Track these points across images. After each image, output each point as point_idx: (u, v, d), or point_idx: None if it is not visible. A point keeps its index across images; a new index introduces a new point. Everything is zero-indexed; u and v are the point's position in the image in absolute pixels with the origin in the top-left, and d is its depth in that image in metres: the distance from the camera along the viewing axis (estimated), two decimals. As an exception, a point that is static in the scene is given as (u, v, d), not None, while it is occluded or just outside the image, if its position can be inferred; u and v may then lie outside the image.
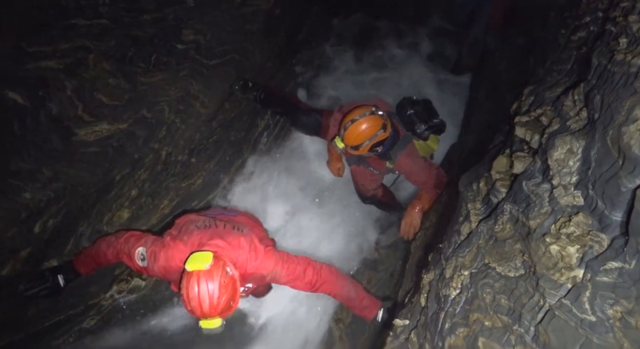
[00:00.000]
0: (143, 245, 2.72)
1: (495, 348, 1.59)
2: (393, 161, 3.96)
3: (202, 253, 2.42)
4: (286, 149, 5.29)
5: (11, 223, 2.90)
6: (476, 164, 2.90)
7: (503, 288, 1.72)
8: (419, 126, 4.07)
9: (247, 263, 2.62)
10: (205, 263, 2.34)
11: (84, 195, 3.27)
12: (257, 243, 2.71)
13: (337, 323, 4.41)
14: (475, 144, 4.18)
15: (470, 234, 2.21)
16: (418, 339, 2.19)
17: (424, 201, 4.03)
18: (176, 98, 3.90)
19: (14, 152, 2.93)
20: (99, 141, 3.30)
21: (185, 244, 2.61)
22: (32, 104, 3.03)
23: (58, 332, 3.43)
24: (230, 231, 2.71)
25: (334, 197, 5.23)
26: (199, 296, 2.30)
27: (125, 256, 2.78)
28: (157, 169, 3.90)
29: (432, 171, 3.96)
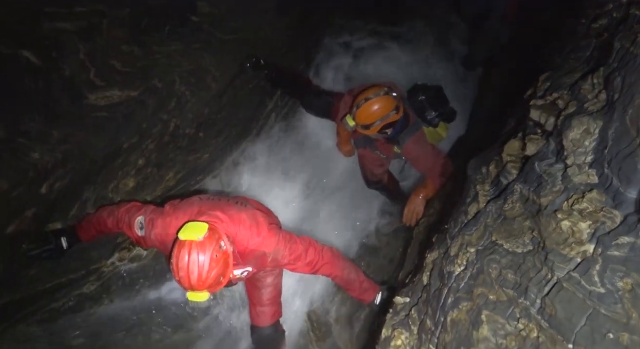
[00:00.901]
0: (143, 214, 2.71)
1: (499, 321, 1.59)
2: (401, 146, 3.95)
3: (197, 223, 2.36)
4: (294, 130, 5.26)
5: (19, 183, 2.90)
6: (485, 150, 2.89)
7: (510, 263, 1.72)
8: (429, 112, 4.07)
9: (248, 239, 2.56)
10: (199, 234, 2.28)
11: (91, 160, 3.27)
12: (261, 220, 2.64)
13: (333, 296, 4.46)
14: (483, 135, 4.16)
15: (478, 214, 2.20)
16: (419, 315, 2.20)
17: (429, 189, 4.02)
18: (188, 70, 3.89)
19: (25, 112, 2.93)
20: (109, 106, 3.30)
21: (184, 212, 2.58)
22: (46, 64, 3.01)
23: (58, 295, 3.44)
24: (233, 206, 2.68)
25: (339, 181, 5.22)
26: (188, 267, 2.24)
27: (125, 225, 2.77)
28: (165, 141, 3.90)
29: (439, 159, 3.95)
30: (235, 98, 4.54)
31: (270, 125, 5.10)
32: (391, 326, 2.30)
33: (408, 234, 4.37)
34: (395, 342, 2.17)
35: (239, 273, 2.75)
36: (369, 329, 3.79)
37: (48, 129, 2.99)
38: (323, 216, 5.07)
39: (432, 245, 2.59)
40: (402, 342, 2.14)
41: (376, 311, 3.40)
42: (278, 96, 5.17)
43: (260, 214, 2.71)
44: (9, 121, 2.85)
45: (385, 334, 2.30)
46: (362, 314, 4.22)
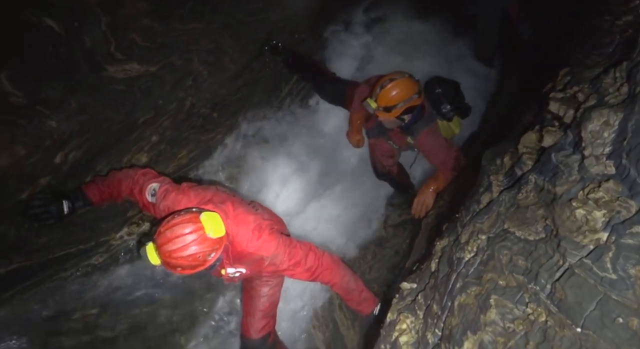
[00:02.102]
0: (160, 182, 2.73)
1: (507, 305, 1.60)
2: (414, 136, 3.95)
3: (212, 213, 2.36)
4: (307, 117, 5.26)
5: (35, 150, 2.93)
6: (500, 143, 2.89)
7: (521, 250, 1.72)
8: (445, 105, 4.06)
9: (247, 241, 2.54)
10: (220, 229, 2.33)
11: (106, 132, 3.30)
12: (264, 224, 2.62)
13: (339, 292, 4.45)
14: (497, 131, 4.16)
15: (490, 203, 2.21)
16: (425, 300, 2.21)
17: (440, 181, 4.02)
18: (206, 50, 3.90)
19: (45, 80, 2.95)
20: (127, 80, 3.32)
21: (197, 195, 2.61)
22: (67, 34, 3.03)
23: (67, 264, 3.47)
24: (245, 206, 2.70)
25: (349, 170, 5.22)
26: (172, 234, 2.22)
27: (137, 188, 2.76)
28: (180, 118, 3.92)
29: (451, 152, 3.95)
30: (251, 81, 4.56)
31: (284, 109, 5.10)
32: (396, 310, 2.31)
33: (416, 226, 4.37)
34: (400, 325, 2.18)
35: (232, 272, 2.72)
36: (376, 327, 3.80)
37: (66, 98, 3.01)
38: (329, 204, 5.07)
39: (441, 233, 2.60)
40: (407, 325, 2.15)
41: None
42: (293, 82, 5.17)
43: (267, 218, 2.73)
44: (29, 87, 2.88)
45: (390, 318, 2.31)
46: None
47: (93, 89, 3.13)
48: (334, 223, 4.91)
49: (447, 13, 6.59)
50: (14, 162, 2.84)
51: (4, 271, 3.16)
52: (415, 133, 3.92)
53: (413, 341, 2.05)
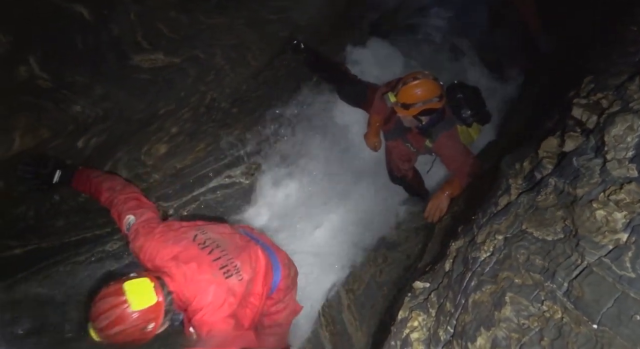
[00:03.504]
0: (136, 216, 2.56)
1: (523, 303, 1.60)
2: (433, 139, 3.96)
3: (150, 291, 2.12)
4: (325, 117, 5.28)
5: (58, 133, 2.97)
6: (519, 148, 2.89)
7: (539, 249, 1.72)
8: (465, 110, 4.07)
9: (202, 311, 2.24)
10: (141, 303, 2.07)
11: (128, 120, 3.34)
12: (230, 301, 2.30)
13: (348, 292, 4.45)
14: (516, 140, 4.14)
15: (508, 204, 2.21)
16: (438, 299, 2.21)
17: (455, 186, 4.02)
18: (230, 45, 3.94)
19: (72, 65, 3.00)
20: (152, 70, 3.36)
21: (165, 247, 2.40)
22: (96, 21, 3.08)
23: (82, 249, 3.51)
24: (213, 268, 2.35)
25: (362, 173, 5.23)
26: (97, 309, 2.05)
27: (116, 212, 2.64)
28: (200, 112, 3.95)
29: (468, 159, 3.95)
30: (272, 78, 4.59)
31: (303, 108, 5.12)
32: (408, 308, 2.31)
33: (428, 231, 4.36)
34: (411, 323, 2.19)
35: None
36: (385, 327, 3.80)
37: (92, 84, 3.05)
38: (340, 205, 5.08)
39: (456, 235, 2.59)
40: (419, 323, 2.15)
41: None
42: (313, 82, 5.20)
43: (236, 290, 2.36)
44: (56, 71, 2.92)
45: (402, 316, 2.31)
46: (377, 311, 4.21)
47: (118, 77, 3.17)
48: (345, 225, 4.92)
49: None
50: (37, 144, 2.88)
51: (20, 251, 3.21)
52: (434, 136, 3.93)
53: (424, 338, 2.06)
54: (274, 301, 2.85)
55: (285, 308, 2.94)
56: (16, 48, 2.77)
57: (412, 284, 2.57)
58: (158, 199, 3.89)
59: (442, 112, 3.86)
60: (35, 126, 2.85)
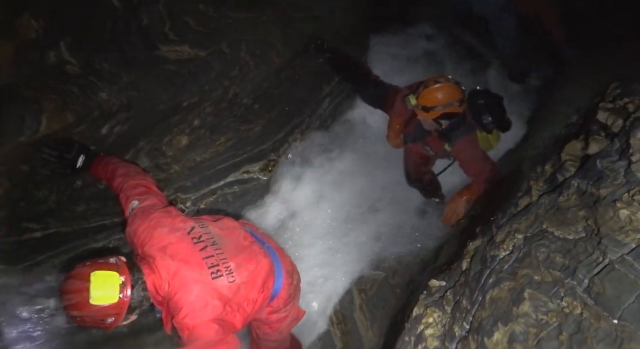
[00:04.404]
0: (139, 201, 2.48)
1: (542, 299, 1.59)
2: (452, 144, 3.94)
3: (114, 284, 2.00)
4: (346, 118, 5.30)
5: (83, 119, 3.02)
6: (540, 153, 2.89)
7: (560, 248, 1.72)
8: (486, 117, 4.05)
9: (184, 311, 2.10)
10: (106, 298, 1.96)
11: (152, 110, 3.38)
12: (212, 307, 2.14)
13: (360, 293, 4.44)
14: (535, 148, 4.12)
15: (529, 205, 2.21)
16: (454, 297, 2.20)
17: (473, 192, 4.01)
18: (255, 41, 3.97)
19: (101, 52, 3.05)
20: (178, 62, 3.40)
21: (157, 234, 2.27)
22: (127, 10, 3.13)
23: (100, 236, 3.54)
24: (202, 269, 2.20)
25: (381, 173, 5.22)
26: (63, 287, 2.01)
27: (124, 197, 2.58)
28: (222, 106, 3.98)
29: (487, 165, 3.93)
30: (294, 77, 4.61)
31: (323, 109, 5.14)
32: (424, 305, 2.31)
33: (443, 235, 4.35)
34: (426, 319, 2.18)
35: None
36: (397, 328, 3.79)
37: (119, 72, 3.10)
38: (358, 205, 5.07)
39: (474, 235, 2.59)
40: (434, 320, 2.15)
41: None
42: (335, 83, 5.21)
43: (224, 293, 2.20)
44: (85, 58, 2.98)
45: (417, 313, 2.31)
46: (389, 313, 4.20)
47: (145, 67, 3.22)
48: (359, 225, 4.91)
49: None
50: (63, 129, 2.93)
51: (41, 234, 3.25)
52: (454, 141, 3.92)
53: (439, 334, 2.05)
54: (273, 310, 2.69)
55: (287, 317, 2.80)
56: (48, 33, 2.83)
57: (427, 282, 2.57)
58: (177, 191, 3.92)
59: (463, 118, 3.85)
60: (62, 111, 2.90)
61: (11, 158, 2.92)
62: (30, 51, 2.83)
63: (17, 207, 3.08)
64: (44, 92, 2.82)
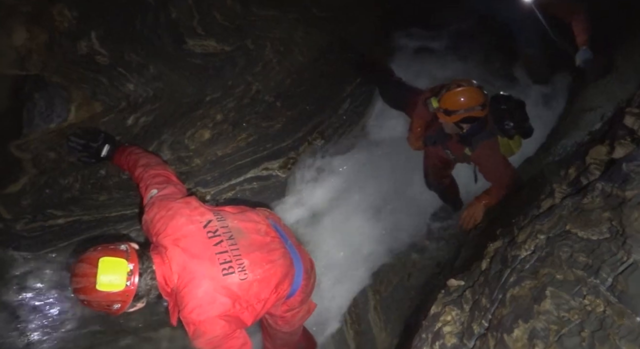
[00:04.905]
0: (158, 189, 2.48)
1: (564, 297, 1.59)
2: (473, 148, 3.93)
3: (122, 272, 1.99)
4: (366, 119, 5.31)
5: (110, 109, 3.09)
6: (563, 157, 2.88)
7: (583, 247, 1.71)
8: (508, 122, 4.01)
9: (190, 306, 2.10)
10: (116, 283, 1.96)
11: (177, 103, 3.43)
12: (220, 304, 2.12)
13: (375, 293, 4.45)
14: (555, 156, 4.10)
15: (551, 207, 2.20)
16: (473, 295, 2.21)
17: (492, 196, 3.98)
18: (279, 38, 4.02)
19: (130, 44, 3.11)
20: (204, 55, 3.45)
21: (172, 224, 2.25)
22: (156, 3, 3.19)
23: (121, 225, 3.59)
24: (213, 264, 2.17)
25: (399, 176, 5.22)
26: (74, 269, 2.01)
27: (143, 186, 2.59)
28: (244, 102, 4.03)
29: (507, 170, 3.90)
30: (316, 75, 4.64)
31: (343, 109, 5.15)
32: (442, 304, 2.31)
33: (460, 240, 4.34)
34: (444, 317, 2.19)
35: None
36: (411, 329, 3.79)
37: (146, 64, 3.16)
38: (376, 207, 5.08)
39: (494, 236, 2.59)
40: (452, 317, 2.15)
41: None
42: (357, 83, 5.23)
43: (234, 289, 2.17)
44: (115, 49, 3.04)
45: (435, 310, 2.32)
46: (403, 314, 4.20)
47: (172, 59, 3.27)
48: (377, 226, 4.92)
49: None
50: (90, 117, 3.00)
51: (63, 221, 3.32)
52: (474, 145, 3.90)
53: (457, 332, 2.06)
54: (289, 308, 2.70)
55: (299, 311, 2.80)
56: (80, 23, 2.89)
57: (445, 282, 2.57)
58: (197, 184, 3.96)
59: (484, 122, 3.83)
60: (90, 100, 2.97)
61: (39, 145, 2.99)
62: (62, 40, 2.90)
63: (43, 194, 3.14)
64: (74, 81, 2.89)
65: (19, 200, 3.17)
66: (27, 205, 3.17)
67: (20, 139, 3.06)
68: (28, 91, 3.00)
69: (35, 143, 3.05)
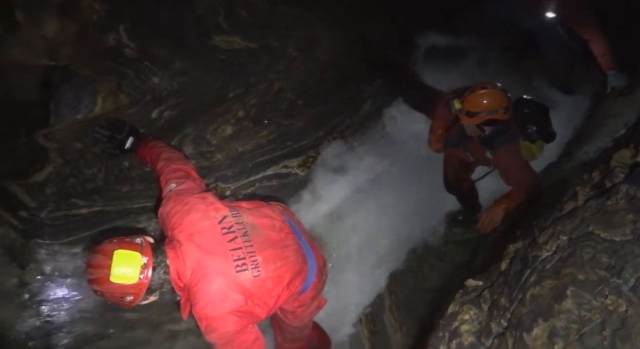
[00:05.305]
0: (177, 184, 2.48)
1: (585, 297, 1.59)
2: (494, 151, 3.90)
3: (136, 265, 2.01)
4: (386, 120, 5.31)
5: (135, 102, 3.14)
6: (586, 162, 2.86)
7: (606, 248, 1.70)
8: (530, 126, 3.99)
9: (198, 299, 2.12)
10: (127, 277, 1.98)
11: (200, 98, 3.47)
12: (232, 300, 2.14)
13: (391, 294, 4.45)
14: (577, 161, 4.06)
15: (574, 209, 2.18)
16: (491, 295, 2.20)
17: (512, 201, 3.93)
18: (303, 37, 4.05)
19: (156, 38, 3.15)
20: (229, 52, 3.49)
21: (188, 220, 2.25)
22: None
23: (142, 217, 3.64)
24: (227, 261, 2.18)
25: (418, 178, 5.21)
26: (89, 260, 2.03)
27: (164, 180, 2.59)
28: (266, 100, 4.06)
29: (528, 175, 3.87)
30: (338, 75, 4.66)
31: (363, 109, 5.17)
32: (459, 303, 2.31)
33: (477, 244, 4.32)
34: (462, 316, 2.18)
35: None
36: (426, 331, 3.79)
37: (172, 58, 3.21)
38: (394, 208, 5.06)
39: (515, 238, 2.57)
40: (470, 316, 2.15)
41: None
42: (378, 84, 5.24)
43: (247, 286, 2.19)
44: (142, 42, 3.09)
45: (452, 310, 2.31)
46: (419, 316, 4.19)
47: (197, 54, 3.31)
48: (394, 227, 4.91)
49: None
50: (116, 109, 3.06)
51: (86, 211, 3.37)
52: (496, 148, 3.88)
53: (475, 330, 2.05)
54: (300, 303, 2.71)
55: (309, 306, 2.80)
56: (109, 16, 2.94)
57: (464, 282, 2.56)
58: (217, 179, 4.00)
59: (507, 125, 3.81)
60: (117, 92, 3.03)
61: (65, 135, 3.05)
62: (91, 32, 2.96)
63: (67, 183, 3.20)
64: (101, 73, 2.94)
65: (44, 189, 3.23)
66: (52, 194, 3.23)
67: (47, 128, 3.12)
68: (57, 82, 3.06)
69: (62, 133, 3.11)
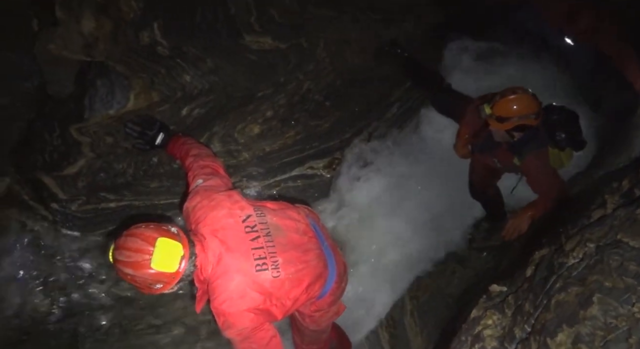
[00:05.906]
0: (204, 180, 2.52)
1: (612, 304, 1.57)
2: (522, 158, 3.86)
3: (172, 244, 2.04)
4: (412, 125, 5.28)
5: (166, 99, 3.19)
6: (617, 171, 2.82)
7: (634, 257, 1.69)
8: (560, 133, 3.94)
9: (222, 298, 2.15)
10: (171, 265, 2.00)
11: (229, 97, 3.52)
12: (253, 296, 2.17)
13: (412, 298, 4.43)
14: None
15: (602, 217, 2.16)
16: (515, 301, 2.18)
17: (538, 209, 3.88)
18: (332, 38, 4.06)
19: (188, 36, 3.21)
20: (259, 52, 3.53)
21: (212, 216, 2.27)
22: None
23: (169, 213, 3.69)
24: (248, 260, 2.20)
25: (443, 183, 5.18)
26: (124, 243, 2.01)
27: (191, 175, 2.62)
28: (294, 100, 4.08)
29: (556, 182, 3.81)
30: (366, 78, 4.66)
31: (390, 113, 5.16)
32: (483, 308, 2.30)
33: (501, 251, 4.29)
34: (485, 321, 2.17)
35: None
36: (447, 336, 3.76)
37: (203, 57, 3.26)
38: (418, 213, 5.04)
39: (541, 245, 2.55)
40: (493, 321, 2.14)
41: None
42: (406, 88, 5.22)
43: (266, 286, 2.21)
44: (174, 40, 3.15)
45: (475, 314, 2.30)
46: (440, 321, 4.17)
47: (228, 54, 3.36)
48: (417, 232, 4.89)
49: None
50: (148, 106, 3.12)
51: (115, 205, 3.44)
52: (524, 154, 3.83)
53: (498, 335, 2.04)
54: (317, 308, 2.69)
55: (328, 312, 2.80)
56: (144, 14, 3.01)
57: (487, 287, 2.55)
58: (243, 177, 4.04)
59: (536, 131, 3.77)
60: (149, 89, 3.08)
61: (98, 129, 3.12)
62: (127, 29, 3.02)
63: (97, 177, 3.27)
64: (135, 70, 3.00)
65: (75, 182, 3.31)
66: (82, 187, 3.31)
67: (81, 123, 3.20)
68: (92, 77, 3.14)
69: (95, 127, 3.18)
